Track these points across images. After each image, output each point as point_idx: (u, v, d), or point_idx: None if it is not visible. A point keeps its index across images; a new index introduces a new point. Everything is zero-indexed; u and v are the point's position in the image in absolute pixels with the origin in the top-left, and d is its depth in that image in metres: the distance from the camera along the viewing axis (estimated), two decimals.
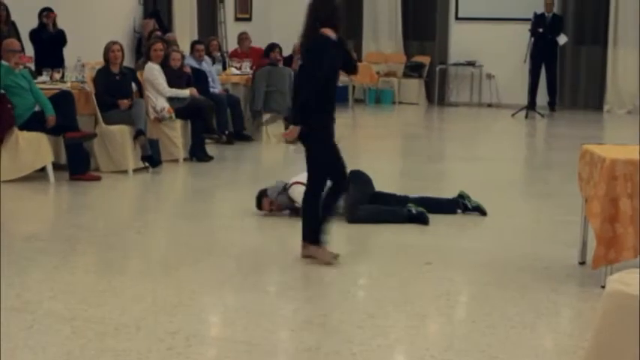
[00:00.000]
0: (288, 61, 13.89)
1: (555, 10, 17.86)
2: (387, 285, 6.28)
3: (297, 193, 7.61)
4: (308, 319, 5.51)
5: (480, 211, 8.21)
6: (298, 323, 5.45)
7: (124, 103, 10.34)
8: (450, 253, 7.12)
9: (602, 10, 18.34)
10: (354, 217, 7.93)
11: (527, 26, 17.26)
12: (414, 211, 7.97)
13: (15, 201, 9.08)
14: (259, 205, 8.28)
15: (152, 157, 10.50)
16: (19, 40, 11.41)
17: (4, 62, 9.70)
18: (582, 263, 6.64)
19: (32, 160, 9.73)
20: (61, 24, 12.79)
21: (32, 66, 11.55)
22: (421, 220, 7.91)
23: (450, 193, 8.44)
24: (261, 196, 8.31)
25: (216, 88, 12.94)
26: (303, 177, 7.51)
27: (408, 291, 6.13)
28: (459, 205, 8.26)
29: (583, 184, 6.53)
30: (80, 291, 6.09)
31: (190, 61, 12.68)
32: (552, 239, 7.43)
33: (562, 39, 17.25)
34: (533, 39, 17.09)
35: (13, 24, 12.13)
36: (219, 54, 14.98)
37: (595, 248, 6.05)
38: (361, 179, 8.26)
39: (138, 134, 10.24)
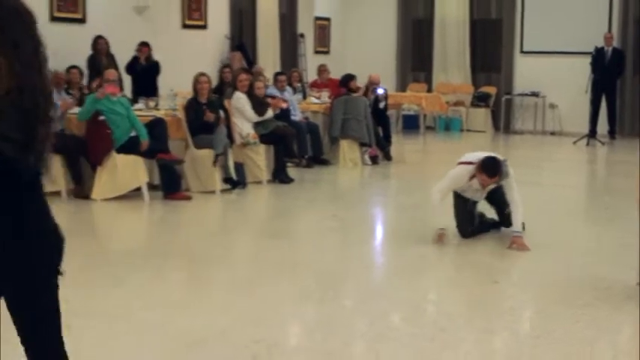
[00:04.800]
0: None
1: (615, 44, 17.70)
2: (456, 300, 6.23)
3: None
4: (381, 332, 5.47)
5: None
6: (372, 336, 5.41)
7: (210, 115, 10.42)
8: (516, 272, 7.04)
9: None
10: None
11: (588, 59, 17.14)
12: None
13: (113, 218, 9.20)
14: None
15: (232, 179, 10.59)
16: (119, 72, 11.61)
17: (98, 94, 9.87)
18: None
19: (129, 180, 9.84)
20: (157, 56, 12.96)
21: (129, 94, 11.72)
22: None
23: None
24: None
25: (296, 116, 12.98)
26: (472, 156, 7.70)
27: (476, 307, 6.07)
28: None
29: None
30: (171, 302, 6.13)
31: (273, 91, 12.75)
32: (613, 261, 7.29)
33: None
34: (593, 71, 16.97)
35: (112, 56, 12.33)
36: (299, 84, 15.04)
37: None
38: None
39: (217, 158, 10.32)
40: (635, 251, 6.73)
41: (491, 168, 7.29)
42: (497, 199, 7.89)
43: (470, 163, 7.51)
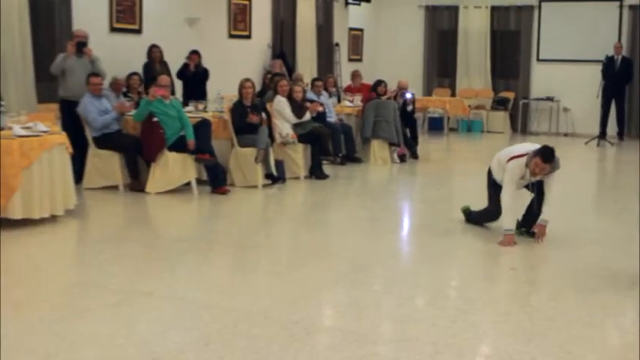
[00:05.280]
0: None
1: (624, 53, 17.60)
2: (476, 286, 6.23)
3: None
4: (408, 314, 5.49)
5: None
6: (399, 317, 5.42)
7: (253, 117, 10.48)
8: (531, 260, 7.02)
9: None
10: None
11: (599, 67, 17.09)
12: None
13: (165, 209, 9.27)
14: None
15: (273, 175, 10.64)
16: (171, 77, 11.67)
17: (150, 96, 9.98)
18: None
19: (179, 175, 9.90)
20: (206, 63, 13.01)
21: (180, 98, 11.79)
22: None
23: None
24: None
25: (332, 118, 12.98)
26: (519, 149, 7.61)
27: (495, 291, 6.07)
28: None
29: None
30: (218, 284, 6.18)
31: (311, 95, 12.77)
32: (620, 251, 7.25)
33: None
34: (603, 78, 16.93)
35: (166, 64, 12.40)
36: (334, 89, 15.05)
37: None
38: None
39: (259, 156, 10.37)
40: (635, 240, 6.73)
41: (548, 154, 7.16)
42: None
43: (521, 155, 7.38)
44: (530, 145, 7.52)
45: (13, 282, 6.20)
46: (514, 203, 7.49)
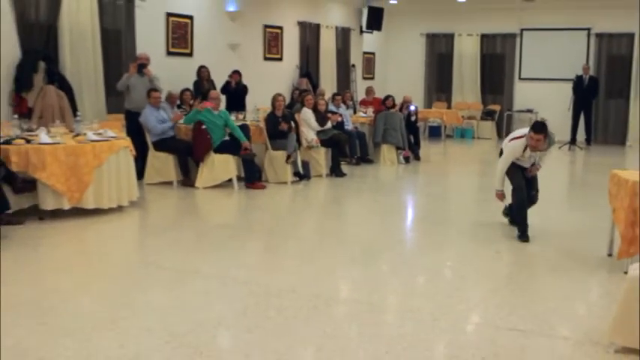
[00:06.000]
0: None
1: (591, 73, 17.51)
2: (468, 267, 6.18)
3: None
4: (411, 290, 5.47)
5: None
6: (404, 292, 5.40)
7: (284, 125, 10.49)
8: (514, 246, 6.96)
9: (626, 73, 17.98)
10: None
11: (570, 84, 17.07)
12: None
13: (211, 201, 9.28)
14: None
15: (300, 173, 10.64)
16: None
17: (199, 107, 9.98)
18: (610, 255, 6.43)
19: (222, 173, 9.90)
20: (245, 81, 13.02)
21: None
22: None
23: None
24: None
25: (349, 126, 12.97)
26: (519, 132, 7.26)
27: (483, 272, 6.02)
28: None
29: (611, 198, 6.37)
30: (255, 264, 6.18)
31: (331, 107, 12.77)
32: (588, 238, 7.19)
33: None
34: (574, 93, 16.91)
35: (212, 81, 12.41)
36: (351, 102, 15.02)
37: (620, 245, 5.92)
38: None
39: (288, 157, 10.37)
40: (605, 230, 6.65)
41: (537, 125, 6.94)
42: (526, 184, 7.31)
43: (520, 137, 7.10)
44: (528, 129, 7.16)
45: (87, 261, 6.24)
46: (502, 174, 7.23)
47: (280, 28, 15.51)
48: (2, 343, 4.11)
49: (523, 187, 7.20)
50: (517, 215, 7.29)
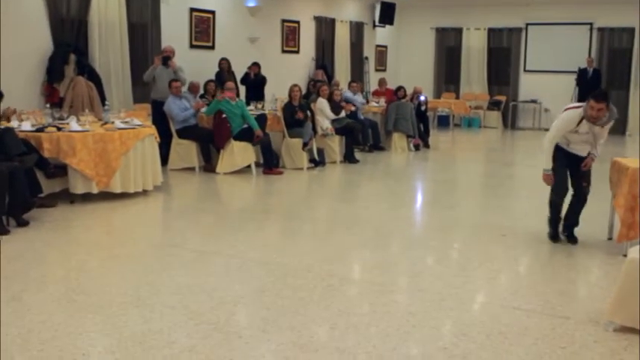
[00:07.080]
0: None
1: (594, 65, 17.33)
2: (474, 249, 6.14)
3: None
4: (421, 270, 5.42)
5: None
6: (413, 272, 5.36)
7: (300, 114, 10.47)
8: (519, 229, 6.90)
9: (626, 65, 17.78)
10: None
11: (574, 76, 16.92)
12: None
13: (231, 186, 9.28)
14: None
15: (315, 160, 10.60)
16: (236, 83, 11.66)
17: (219, 97, 9.96)
18: (610, 239, 6.38)
19: (241, 159, 9.88)
20: (264, 72, 12.99)
21: (244, 99, 11.78)
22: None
23: (517, 189, 8.16)
24: None
25: (362, 116, 12.92)
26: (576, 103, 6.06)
27: (489, 253, 5.98)
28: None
29: (612, 185, 6.34)
30: (272, 245, 6.16)
31: (347, 94, 12.80)
32: (590, 222, 7.09)
33: None
34: (577, 85, 16.76)
35: (232, 73, 12.39)
36: (364, 92, 14.95)
37: (619, 229, 5.87)
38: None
39: (305, 145, 10.34)
40: (605, 215, 6.59)
41: (598, 94, 5.75)
42: (577, 175, 6.26)
43: (577, 107, 5.92)
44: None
45: (114, 242, 6.24)
46: (551, 147, 6.05)
47: (297, 22, 15.44)
48: (35, 319, 4.12)
49: (565, 184, 6.19)
50: (550, 213, 6.40)
